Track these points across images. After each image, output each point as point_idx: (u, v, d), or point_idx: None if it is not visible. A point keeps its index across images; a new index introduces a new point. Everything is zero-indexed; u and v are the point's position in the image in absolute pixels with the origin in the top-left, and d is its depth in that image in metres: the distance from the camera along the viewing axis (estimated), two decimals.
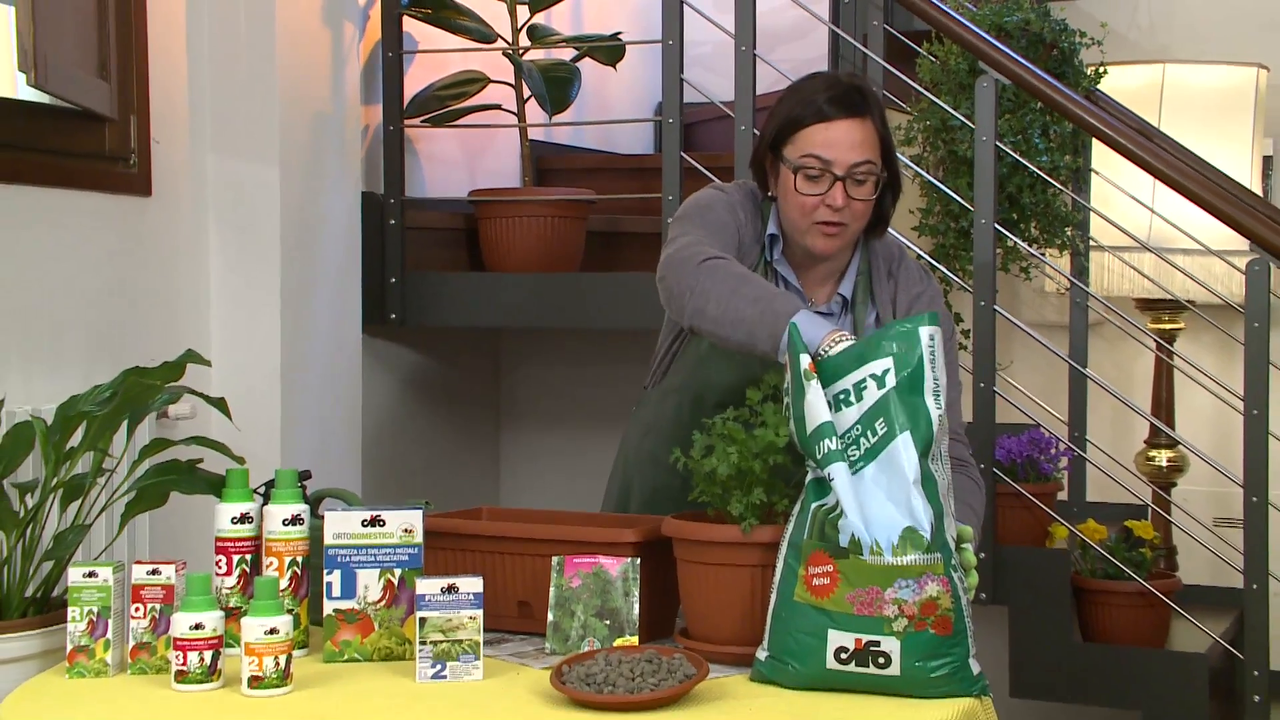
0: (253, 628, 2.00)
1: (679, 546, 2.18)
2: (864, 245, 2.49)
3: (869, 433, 2.01)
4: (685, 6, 3.38)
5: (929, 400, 2.02)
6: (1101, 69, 3.52)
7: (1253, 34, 4.13)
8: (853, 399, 2.03)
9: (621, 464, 2.73)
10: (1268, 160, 4.06)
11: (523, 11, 3.70)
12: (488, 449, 4.35)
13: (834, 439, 2.00)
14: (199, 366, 2.55)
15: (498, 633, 2.31)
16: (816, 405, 2.03)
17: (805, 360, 2.06)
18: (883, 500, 1.97)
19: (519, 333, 4.36)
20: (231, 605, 2.19)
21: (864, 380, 2.03)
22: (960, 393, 2.53)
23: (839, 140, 2.35)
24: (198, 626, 2.03)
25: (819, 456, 2.01)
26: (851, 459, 2.01)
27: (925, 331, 2.03)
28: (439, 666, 2.05)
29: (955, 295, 3.43)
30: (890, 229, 2.50)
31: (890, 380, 2.01)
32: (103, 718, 1.94)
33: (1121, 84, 3.72)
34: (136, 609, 2.14)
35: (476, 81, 3.73)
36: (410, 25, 3.71)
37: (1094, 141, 3.40)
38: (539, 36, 3.76)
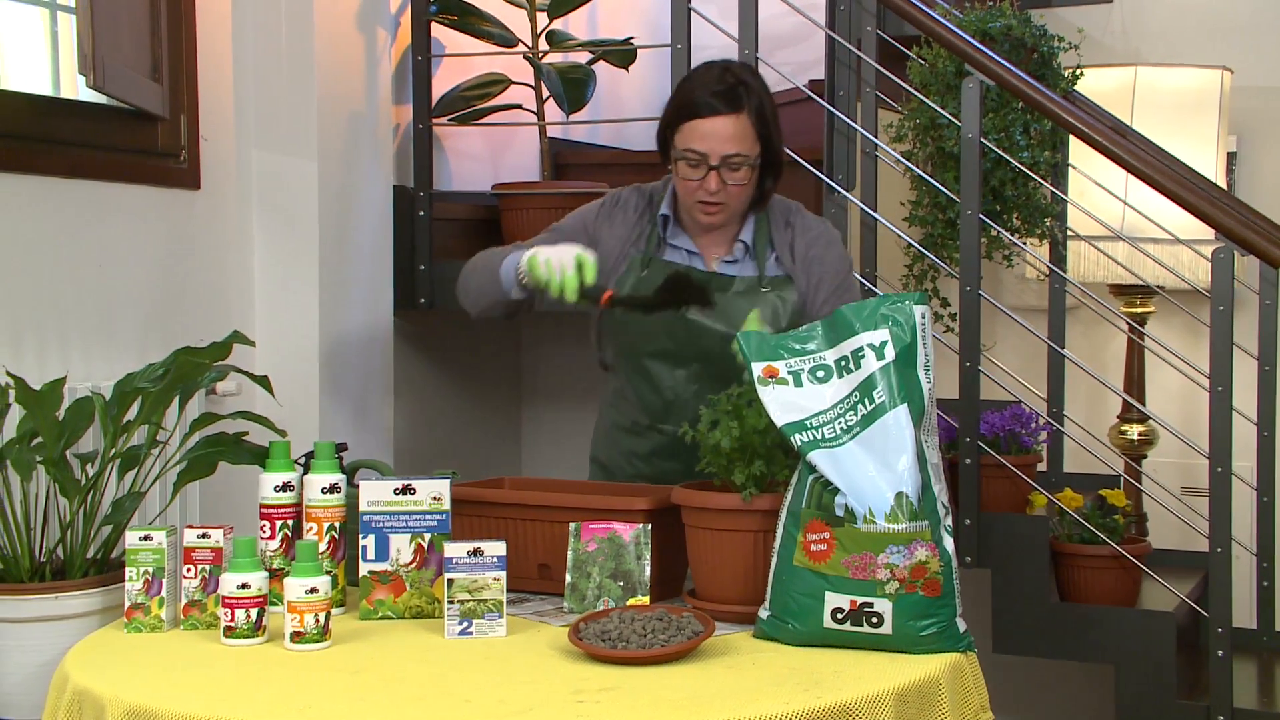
0: (294, 587, 2.01)
1: (687, 513, 2.18)
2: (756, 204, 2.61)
3: (865, 400, 2.00)
4: (693, 13, 3.36)
5: (921, 374, 2.02)
6: (1078, 71, 3.50)
7: (1218, 39, 4.11)
8: (851, 366, 2.03)
9: (593, 450, 2.84)
10: (1231, 156, 4.04)
11: (542, 18, 3.69)
12: (510, 423, 4.35)
13: (804, 433, 2.01)
14: (244, 346, 2.55)
15: (519, 593, 2.31)
16: (775, 408, 2.04)
17: (758, 368, 2.06)
18: (872, 471, 1.97)
19: (538, 315, 4.34)
20: (275, 567, 2.19)
21: (862, 349, 2.03)
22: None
23: (714, 133, 2.47)
24: (244, 586, 2.04)
25: (796, 448, 2.01)
26: (847, 425, 2.00)
27: (918, 310, 2.03)
28: (465, 624, 2.06)
29: (943, 281, 3.42)
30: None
31: (889, 353, 2.01)
32: (158, 668, 1.94)
33: (1097, 85, 3.70)
34: (188, 570, 2.14)
35: (499, 83, 3.71)
36: (438, 31, 3.70)
37: (1071, 138, 3.38)
38: (557, 41, 3.74)
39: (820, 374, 2.05)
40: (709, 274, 2.57)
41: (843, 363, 2.04)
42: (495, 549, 2.07)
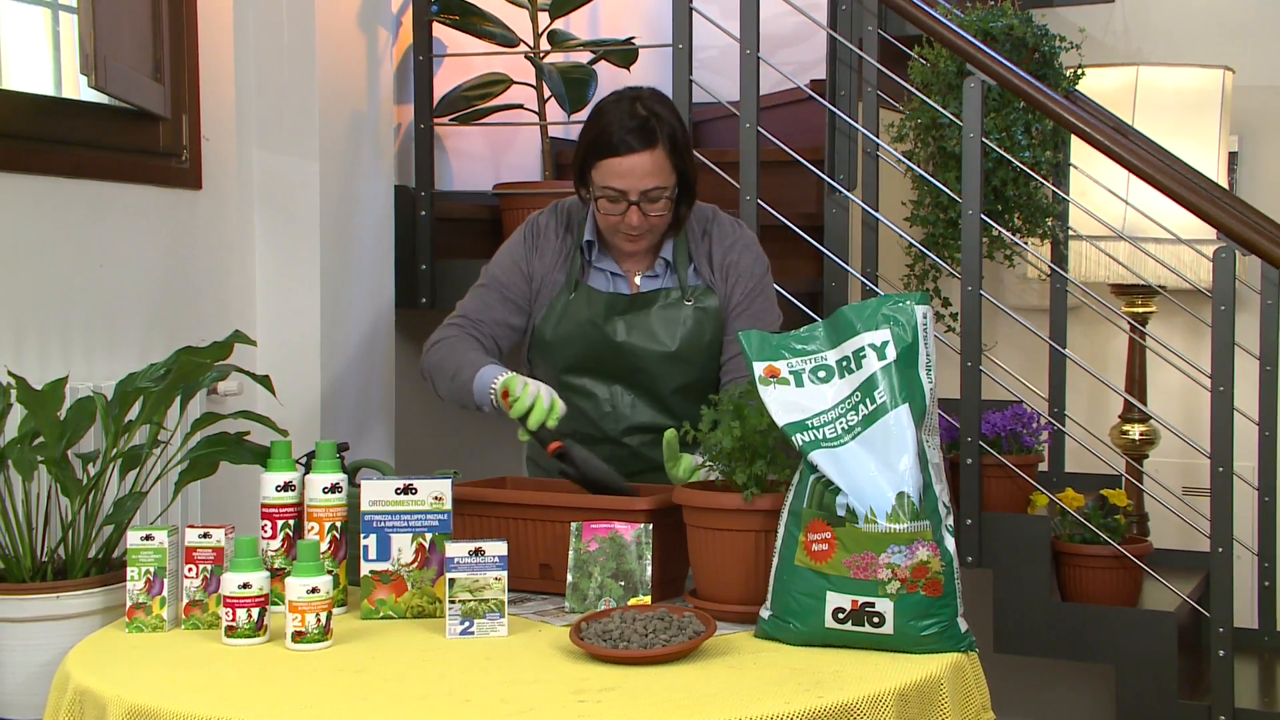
0: (296, 587, 2.01)
1: (688, 513, 2.18)
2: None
3: (867, 400, 2.00)
4: (694, 13, 3.36)
5: (922, 374, 2.02)
6: (1080, 71, 3.50)
7: (1220, 39, 4.11)
8: (853, 366, 2.03)
9: (529, 453, 2.91)
10: (1233, 156, 4.04)
11: (543, 18, 3.69)
12: (511, 423, 4.35)
13: (806, 433, 2.01)
14: (246, 346, 2.55)
15: (521, 593, 2.31)
16: (776, 408, 2.04)
17: (759, 368, 2.07)
18: (873, 471, 1.97)
19: None
20: (276, 566, 2.19)
21: (863, 349, 2.03)
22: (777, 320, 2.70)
23: (630, 170, 2.53)
24: (245, 586, 2.04)
25: (798, 448, 2.01)
26: (848, 425, 2.00)
27: (919, 310, 2.03)
28: (467, 623, 2.06)
29: (944, 281, 3.42)
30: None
31: (890, 353, 2.01)
32: (159, 668, 1.94)
33: (1098, 85, 3.70)
34: (189, 569, 2.14)
35: (500, 83, 3.71)
36: (439, 30, 3.70)
37: (1073, 138, 3.38)
38: (558, 41, 3.74)
39: (821, 374, 2.05)
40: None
41: (844, 363, 2.04)
42: (497, 549, 2.07)
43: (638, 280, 2.66)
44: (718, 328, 2.63)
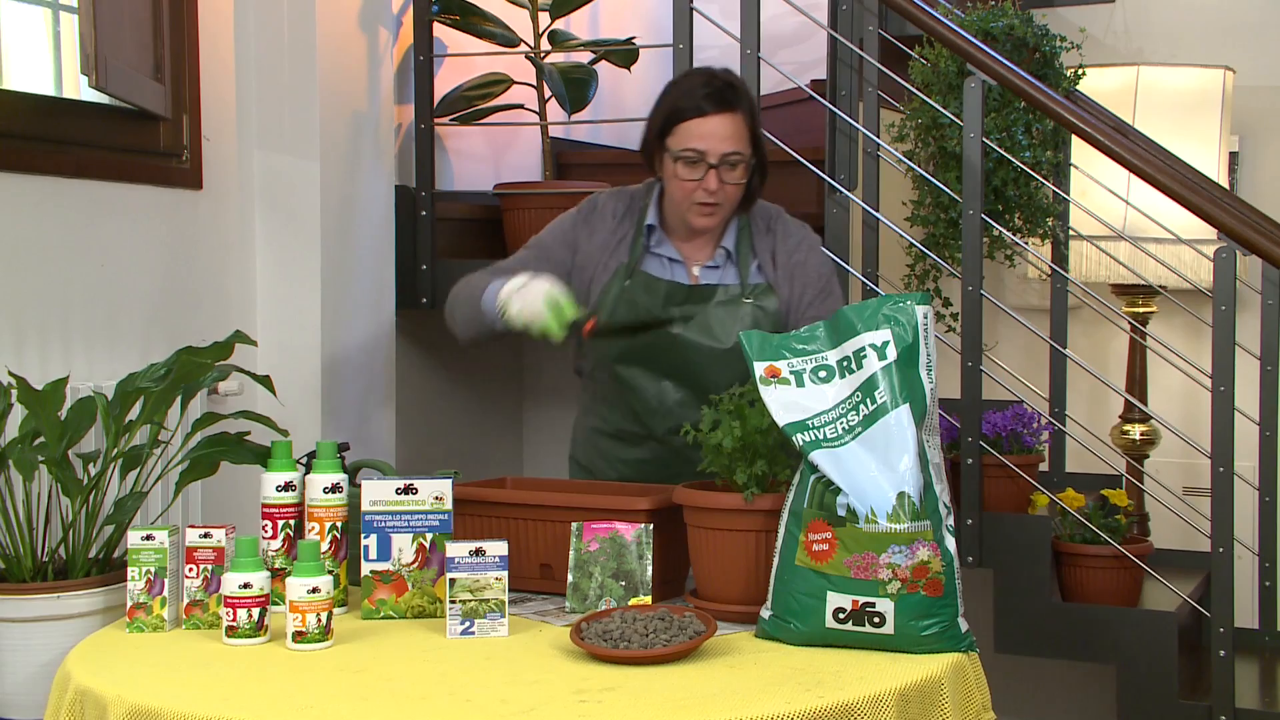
0: (296, 587, 2.01)
1: (688, 513, 2.18)
2: (740, 211, 2.63)
3: (868, 399, 2.00)
4: (694, 13, 3.36)
5: (923, 374, 2.02)
6: (1080, 71, 3.50)
7: (1220, 39, 4.11)
8: (853, 366, 2.03)
9: (571, 450, 2.86)
10: (1234, 156, 4.04)
11: (544, 18, 3.69)
12: (511, 423, 4.35)
13: (806, 433, 2.01)
14: (246, 346, 2.55)
15: (521, 593, 2.31)
16: (776, 408, 2.04)
17: (759, 368, 2.07)
18: (874, 471, 1.97)
19: None
20: (277, 566, 2.19)
21: (864, 349, 2.03)
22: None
23: (712, 132, 2.51)
24: (246, 585, 2.04)
25: (799, 448, 2.01)
26: (849, 424, 2.00)
27: (920, 310, 2.03)
28: (467, 623, 2.06)
29: (945, 281, 3.42)
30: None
31: (891, 353, 2.01)
32: (160, 668, 1.94)
33: (1099, 85, 3.70)
34: (190, 569, 2.14)
35: (501, 83, 3.71)
36: (440, 31, 3.70)
37: (1073, 138, 3.38)
38: (559, 41, 3.74)
39: (822, 374, 2.05)
40: (688, 287, 2.59)
41: (844, 363, 2.04)
42: (497, 549, 2.07)
43: (696, 271, 2.61)
44: (775, 328, 2.54)
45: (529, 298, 2.40)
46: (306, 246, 3.22)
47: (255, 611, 2.04)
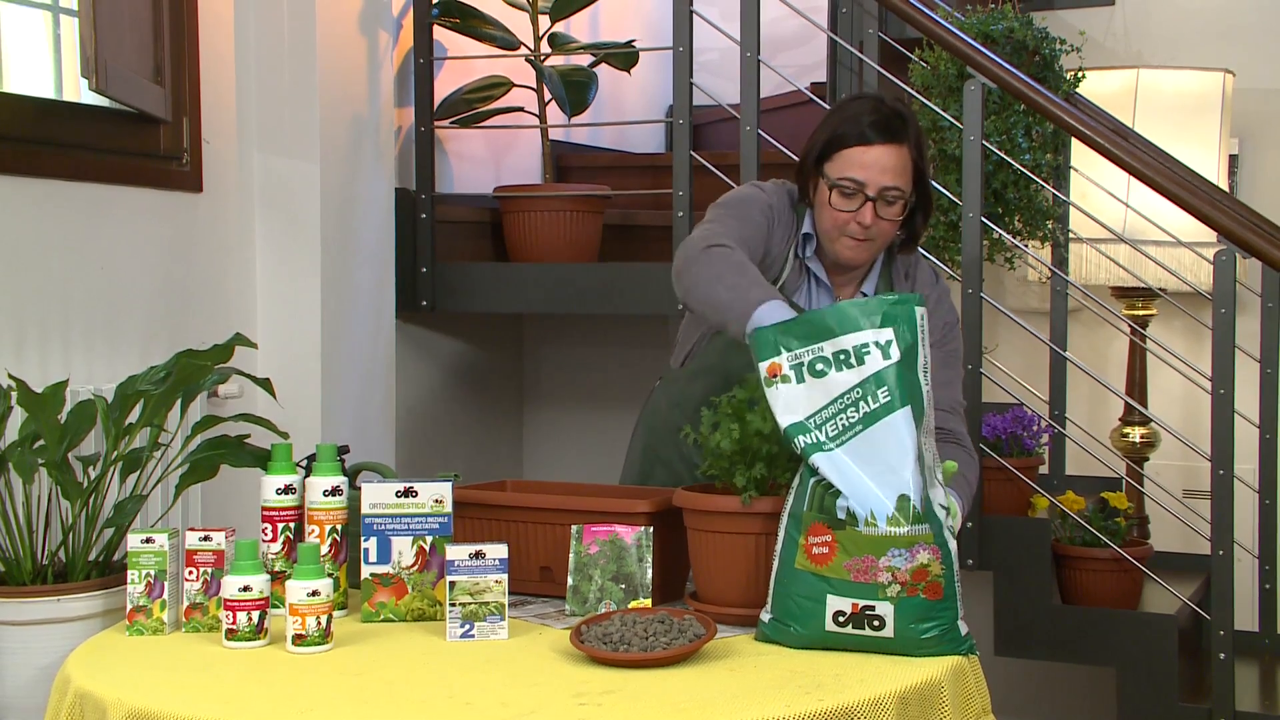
0: (296, 590, 2.01)
1: (688, 516, 2.18)
2: (886, 252, 2.52)
3: (869, 398, 1.99)
4: (694, 15, 3.36)
5: (921, 376, 2.01)
6: (1080, 74, 3.50)
7: (1220, 41, 4.11)
8: (853, 361, 2.01)
9: (644, 433, 2.72)
10: (1234, 159, 4.04)
11: (544, 20, 3.69)
12: (512, 426, 4.35)
13: (807, 435, 2.00)
14: (246, 349, 2.55)
15: (521, 595, 2.31)
16: (780, 408, 2.03)
17: (764, 366, 2.05)
18: (873, 474, 1.97)
19: (540, 318, 4.36)
20: (277, 569, 2.19)
21: (866, 345, 2.02)
22: (960, 376, 2.55)
23: (874, 163, 2.38)
24: (246, 589, 2.04)
25: (799, 450, 2.01)
26: (849, 422, 2.00)
27: (919, 311, 2.03)
28: (467, 626, 2.06)
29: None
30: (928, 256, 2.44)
31: (894, 353, 2.00)
32: (160, 671, 1.94)
33: (1098, 88, 3.70)
34: (190, 572, 2.14)
35: (501, 85, 3.72)
36: (440, 33, 3.70)
37: (1073, 141, 3.38)
38: (559, 44, 3.74)
39: (819, 366, 2.03)
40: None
41: (843, 356, 2.02)
42: (497, 551, 2.07)
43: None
44: None
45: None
46: (306, 249, 3.22)
47: (255, 614, 2.04)
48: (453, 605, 2.06)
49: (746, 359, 2.43)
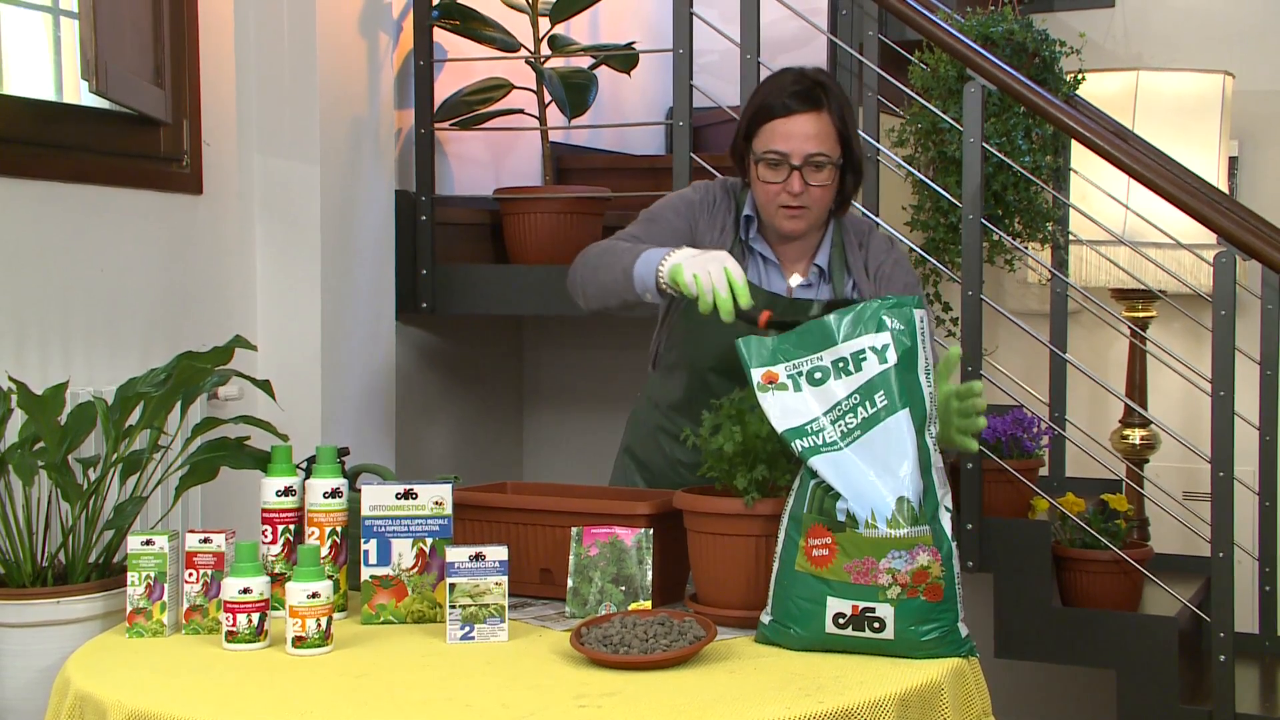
0: (296, 592, 2.01)
1: (688, 518, 2.18)
2: (836, 222, 2.55)
3: (867, 403, 2.00)
4: (694, 18, 3.37)
5: (922, 378, 2.02)
6: (1080, 76, 3.50)
7: (1220, 43, 4.11)
8: (851, 368, 2.02)
9: (626, 432, 2.76)
10: (1233, 160, 4.04)
11: (544, 23, 3.69)
12: (511, 428, 4.35)
13: (805, 439, 2.01)
14: (246, 351, 2.55)
15: (521, 597, 2.31)
16: (776, 414, 2.03)
17: (757, 375, 2.06)
18: (873, 477, 1.97)
19: (540, 320, 4.36)
20: (277, 571, 2.19)
21: (863, 351, 2.02)
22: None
23: (797, 132, 2.42)
24: (246, 591, 2.04)
25: (797, 454, 2.01)
26: (847, 428, 2.00)
27: (918, 314, 2.03)
28: (467, 628, 2.06)
29: (945, 286, 3.42)
30: (884, 224, 2.49)
31: (891, 357, 2.01)
32: (159, 673, 1.94)
33: (1098, 90, 3.70)
34: (190, 574, 2.14)
35: (501, 87, 3.72)
36: (440, 35, 3.70)
37: (1073, 143, 3.38)
38: (559, 46, 3.74)
39: (818, 375, 2.04)
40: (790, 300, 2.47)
41: (841, 364, 2.03)
42: (497, 554, 2.07)
43: (794, 284, 2.45)
44: None
45: (709, 267, 2.23)
46: (306, 251, 3.22)
47: (255, 616, 2.04)
48: (453, 607, 2.06)
49: (707, 351, 2.47)
